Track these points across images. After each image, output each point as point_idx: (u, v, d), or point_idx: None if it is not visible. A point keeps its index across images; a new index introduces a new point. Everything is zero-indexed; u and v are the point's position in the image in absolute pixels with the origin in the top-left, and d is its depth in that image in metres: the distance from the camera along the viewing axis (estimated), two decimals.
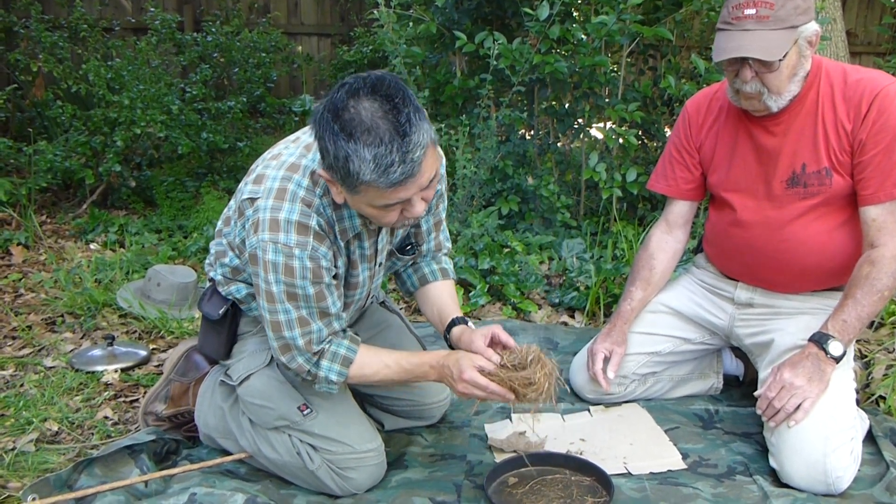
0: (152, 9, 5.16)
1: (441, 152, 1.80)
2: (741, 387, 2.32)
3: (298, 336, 1.60)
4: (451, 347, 1.79)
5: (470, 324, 1.82)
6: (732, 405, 2.19)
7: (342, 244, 1.63)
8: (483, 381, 1.56)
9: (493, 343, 1.68)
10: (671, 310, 2.16)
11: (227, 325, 1.81)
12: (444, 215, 1.93)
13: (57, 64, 4.64)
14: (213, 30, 5.18)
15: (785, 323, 1.96)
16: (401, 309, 2.94)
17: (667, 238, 2.18)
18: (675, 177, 2.13)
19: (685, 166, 2.10)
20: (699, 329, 2.16)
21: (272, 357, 1.75)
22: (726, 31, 1.78)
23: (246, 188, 1.60)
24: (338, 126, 1.34)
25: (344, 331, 1.69)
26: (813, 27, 1.78)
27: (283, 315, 1.58)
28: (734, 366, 2.35)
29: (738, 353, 2.31)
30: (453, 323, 1.82)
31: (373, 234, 1.70)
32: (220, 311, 1.78)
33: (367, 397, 2.04)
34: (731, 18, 1.76)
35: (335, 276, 1.64)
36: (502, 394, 1.57)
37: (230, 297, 1.79)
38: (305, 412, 1.73)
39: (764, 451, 1.90)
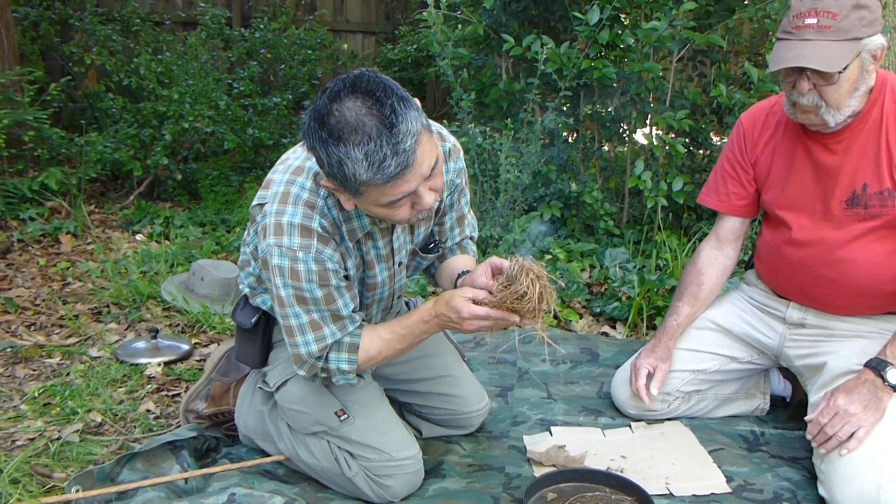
0: (202, 4, 5.24)
1: (458, 145, 1.78)
2: (788, 408, 2.25)
3: (312, 341, 1.58)
4: None
5: None
6: (779, 427, 2.13)
7: (351, 244, 1.60)
8: (482, 312, 1.49)
9: (495, 274, 1.58)
10: (719, 327, 2.11)
11: (260, 334, 1.80)
12: (466, 209, 1.89)
13: (109, 57, 4.75)
14: (261, 26, 5.24)
15: (839, 346, 1.89)
16: None
17: (716, 254, 2.12)
18: (727, 192, 2.06)
19: (738, 182, 2.04)
20: (747, 348, 2.10)
21: None
22: (785, 40, 1.71)
23: (258, 194, 1.61)
24: (325, 133, 1.32)
25: None
26: (878, 40, 1.69)
27: (294, 319, 1.56)
28: (781, 386, 2.28)
29: (787, 373, 2.24)
30: (460, 276, 1.75)
31: (386, 232, 1.67)
32: (253, 320, 1.78)
33: (405, 405, 2.03)
34: (791, 28, 1.70)
35: (347, 278, 1.61)
36: (505, 317, 1.49)
37: (261, 307, 1.79)
38: (343, 418, 1.73)
39: (812, 477, 1.85)
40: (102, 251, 3.63)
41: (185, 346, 2.61)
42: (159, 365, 2.49)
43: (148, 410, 2.22)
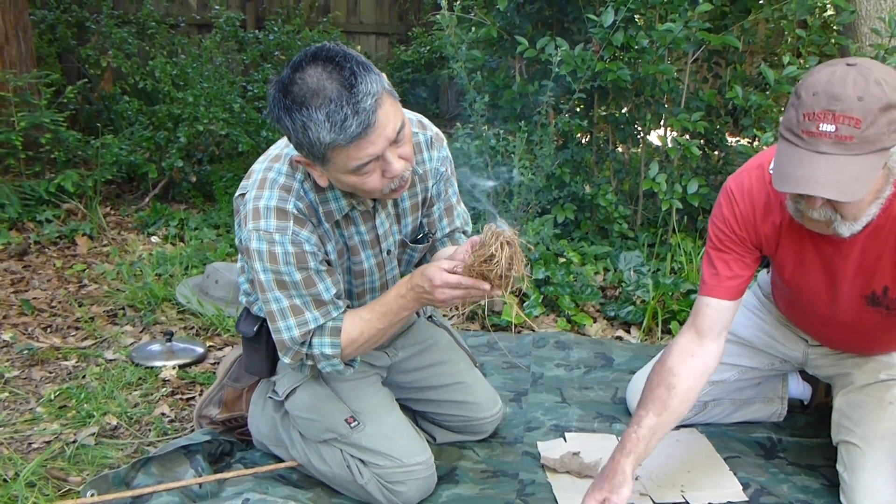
0: (217, 6, 5.26)
1: (441, 134, 1.78)
2: (806, 411, 2.23)
3: (294, 326, 1.57)
4: None
5: None
6: (796, 435, 2.10)
7: (328, 227, 1.60)
8: (454, 279, 1.46)
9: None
10: (738, 339, 1.99)
11: (264, 342, 1.80)
12: (455, 200, 1.87)
13: (125, 59, 4.78)
14: (275, 28, 5.25)
15: (864, 358, 1.85)
16: (451, 323, 2.93)
17: (693, 350, 1.69)
18: (733, 275, 1.68)
19: (745, 265, 1.69)
20: (769, 357, 2.02)
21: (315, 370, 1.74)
22: (794, 146, 1.36)
23: (241, 184, 1.63)
24: (289, 100, 1.36)
25: None
26: None
27: (275, 304, 1.57)
28: (800, 389, 2.25)
29: (807, 376, 2.21)
30: None
31: (368, 217, 1.66)
32: (255, 328, 1.78)
33: (419, 413, 2.02)
34: (802, 132, 1.34)
35: (329, 263, 1.61)
36: (475, 284, 1.45)
37: (260, 315, 1.78)
38: (353, 425, 1.72)
39: (830, 485, 1.83)
40: (118, 253, 3.65)
41: (200, 349, 2.62)
42: (174, 368, 2.50)
43: (163, 414, 2.23)
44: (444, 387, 1.96)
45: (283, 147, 1.60)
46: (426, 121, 1.77)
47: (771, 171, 1.44)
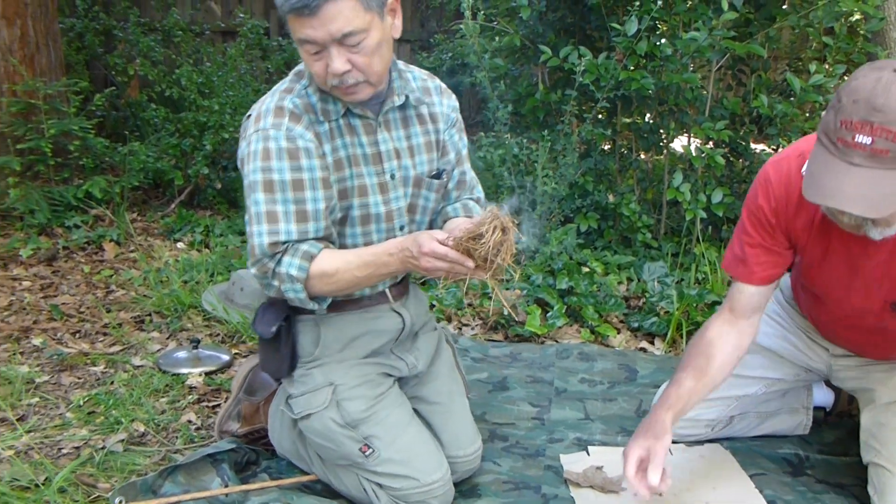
0: (241, 14, 5.32)
1: (448, 90, 1.88)
2: (828, 418, 2.21)
3: (265, 233, 1.55)
4: None
5: None
6: (825, 451, 2.07)
7: (327, 127, 1.63)
8: (441, 250, 1.46)
9: None
10: (763, 349, 1.98)
11: (282, 342, 1.77)
12: (465, 152, 1.91)
13: (152, 67, 4.84)
14: None
15: (888, 374, 1.82)
16: (473, 333, 2.92)
17: (728, 330, 1.74)
18: (759, 262, 1.68)
19: (776, 252, 1.68)
20: (795, 367, 1.99)
21: (332, 396, 1.73)
22: (828, 153, 1.33)
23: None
24: None
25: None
26: None
27: (255, 207, 1.57)
28: (822, 395, 2.23)
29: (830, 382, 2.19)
30: None
31: (370, 129, 1.68)
32: (273, 329, 1.74)
33: None
34: (836, 139, 1.30)
35: (325, 169, 1.61)
36: (460, 260, 1.45)
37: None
38: (367, 453, 1.70)
39: None
40: (145, 259, 3.70)
41: (226, 357, 2.65)
42: (200, 375, 2.53)
43: (189, 421, 2.25)
44: (426, 403, 1.89)
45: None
46: (433, 76, 1.88)
47: (803, 173, 1.43)
